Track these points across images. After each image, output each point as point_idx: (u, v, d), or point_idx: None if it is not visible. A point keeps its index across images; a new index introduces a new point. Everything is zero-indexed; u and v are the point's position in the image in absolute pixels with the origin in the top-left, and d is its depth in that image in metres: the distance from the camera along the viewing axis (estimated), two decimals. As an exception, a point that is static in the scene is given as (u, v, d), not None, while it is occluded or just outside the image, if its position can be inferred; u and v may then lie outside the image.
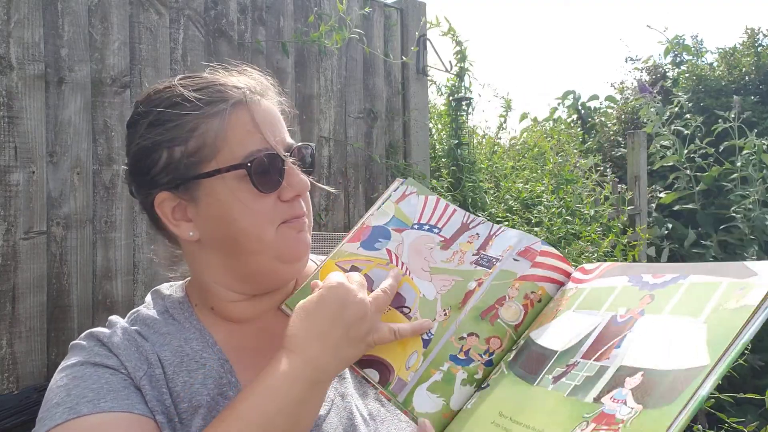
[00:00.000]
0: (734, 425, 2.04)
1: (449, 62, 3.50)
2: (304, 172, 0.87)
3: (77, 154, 2.15)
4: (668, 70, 5.97)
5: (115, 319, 0.87)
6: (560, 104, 6.36)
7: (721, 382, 0.56)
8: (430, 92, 3.50)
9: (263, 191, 0.81)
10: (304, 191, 0.86)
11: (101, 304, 2.20)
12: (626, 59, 6.27)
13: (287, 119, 0.90)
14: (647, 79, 5.97)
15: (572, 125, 5.36)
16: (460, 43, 3.45)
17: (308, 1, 2.91)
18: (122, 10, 2.27)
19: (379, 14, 3.22)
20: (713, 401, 2.23)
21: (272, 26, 2.78)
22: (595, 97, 6.44)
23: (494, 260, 0.83)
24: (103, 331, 0.84)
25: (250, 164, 0.79)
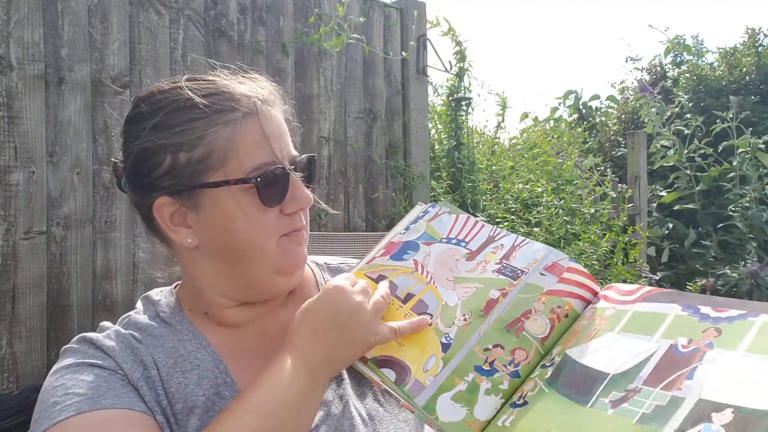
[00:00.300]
0: None
1: (449, 62, 3.50)
2: (306, 184, 0.87)
3: (77, 154, 2.16)
4: (669, 69, 5.97)
5: (107, 324, 0.86)
6: (561, 104, 6.37)
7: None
8: (428, 92, 3.50)
9: (268, 205, 0.82)
10: (306, 206, 0.86)
11: (101, 304, 2.20)
12: (627, 59, 6.28)
13: (290, 127, 0.90)
14: (648, 78, 5.98)
15: (573, 125, 5.36)
16: (459, 43, 3.45)
17: (308, 1, 2.91)
18: (122, 10, 2.28)
19: (378, 14, 3.22)
20: None
21: (272, 26, 2.78)
22: (596, 96, 6.44)
23: (519, 272, 0.84)
24: (95, 335, 0.83)
25: (258, 179, 0.80)
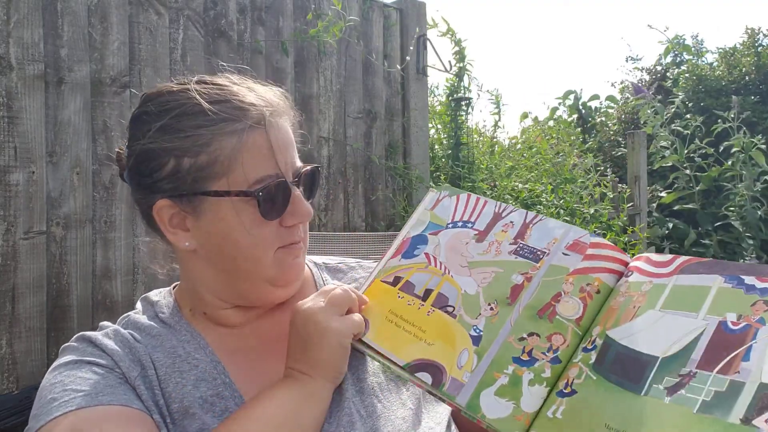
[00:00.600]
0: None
1: (449, 62, 3.50)
2: (307, 195, 0.88)
3: (77, 154, 2.16)
4: (669, 70, 5.97)
5: (106, 323, 0.87)
6: (561, 104, 6.37)
7: None
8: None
9: (268, 219, 0.82)
10: (306, 220, 0.87)
11: (101, 304, 2.21)
12: (627, 59, 6.28)
13: (296, 135, 0.90)
14: (647, 79, 5.98)
15: (573, 125, 5.36)
16: (459, 43, 3.46)
17: (307, 1, 2.91)
18: (122, 10, 2.28)
19: (378, 14, 3.22)
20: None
21: (271, 26, 2.78)
22: (595, 96, 6.44)
23: (539, 253, 0.81)
24: (94, 333, 0.83)
25: (260, 193, 0.80)
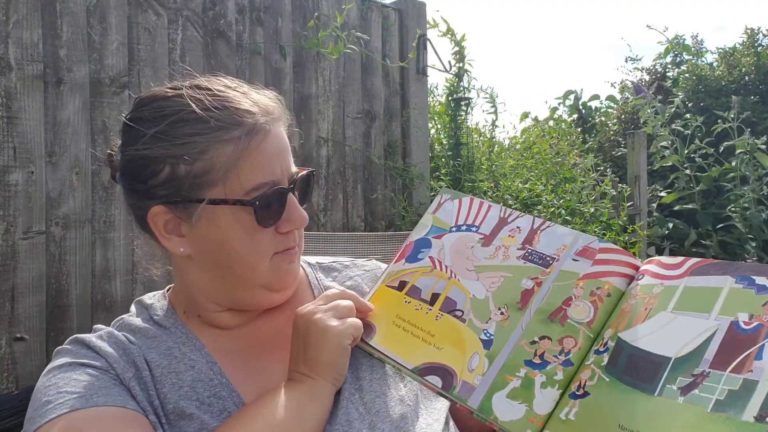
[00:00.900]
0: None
1: (448, 62, 3.50)
2: (301, 199, 0.88)
3: (76, 154, 2.16)
4: (669, 70, 5.97)
5: (100, 326, 0.87)
6: (561, 104, 6.37)
7: None
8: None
9: (264, 226, 0.82)
10: (301, 226, 0.87)
11: (100, 303, 2.21)
12: (626, 59, 6.28)
13: (290, 134, 0.90)
14: (647, 79, 5.98)
15: (572, 125, 5.37)
16: (458, 43, 3.46)
17: (306, 1, 2.92)
18: (121, 10, 2.28)
19: (377, 15, 3.22)
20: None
21: (270, 27, 2.79)
22: (595, 96, 6.44)
23: (549, 258, 0.82)
24: (88, 336, 0.83)
25: (257, 201, 0.80)
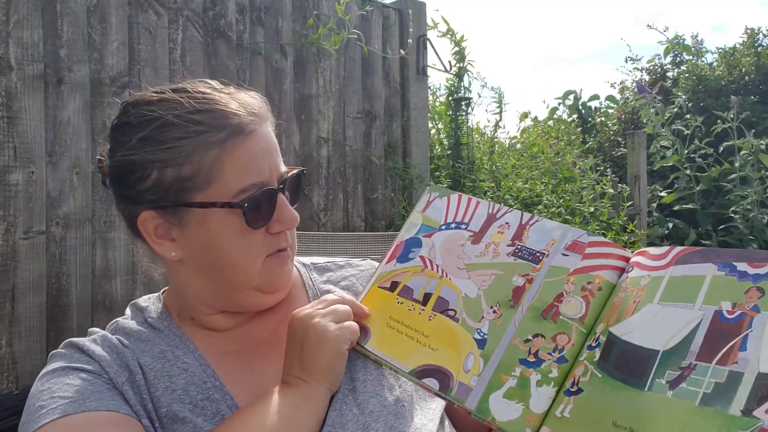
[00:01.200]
0: None
1: (449, 62, 3.50)
2: (292, 199, 0.88)
3: (76, 154, 2.16)
4: (669, 70, 5.97)
5: (95, 329, 0.87)
6: (560, 104, 6.37)
7: None
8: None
9: (254, 228, 0.82)
10: (293, 227, 0.86)
11: (100, 303, 2.21)
12: (626, 59, 6.28)
13: (277, 132, 0.89)
14: (647, 79, 5.98)
15: (572, 125, 5.37)
16: (459, 43, 3.46)
17: (306, 1, 2.92)
18: (121, 10, 2.28)
19: (377, 15, 3.22)
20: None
21: (271, 27, 2.79)
22: (595, 97, 6.44)
23: (538, 254, 0.81)
24: (82, 339, 0.83)
25: (246, 204, 0.79)
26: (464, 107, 3.59)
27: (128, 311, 0.92)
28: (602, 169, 4.40)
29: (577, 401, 0.69)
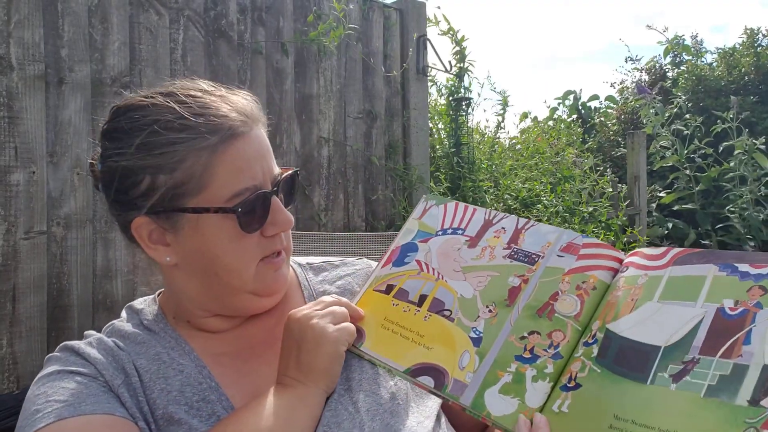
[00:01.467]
0: None
1: (449, 62, 3.50)
2: (287, 200, 0.87)
3: (77, 154, 2.16)
4: (668, 70, 5.97)
5: (91, 332, 0.87)
6: (560, 104, 6.38)
7: None
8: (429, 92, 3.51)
9: (248, 232, 0.81)
10: (287, 229, 0.86)
11: (101, 303, 2.21)
12: (626, 59, 6.28)
13: (269, 132, 0.89)
14: (647, 79, 5.98)
15: (572, 125, 5.38)
16: (459, 42, 3.46)
17: (307, 1, 2.92)
18: (122, 10, 2.28)
19: (378, 14, 3.22)
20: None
21: (272, 27, 2.79)
22: (595, 97, 6.45)
23: (534, 256, 0.82)
24: (77, 342, 0.83)
25: (240, 208, 0.79)
26: (464, 107, 3.59)
27: (124, 314, 0.92)
28: (602, 169, 4.41)
29: (575, 396, 0.70)
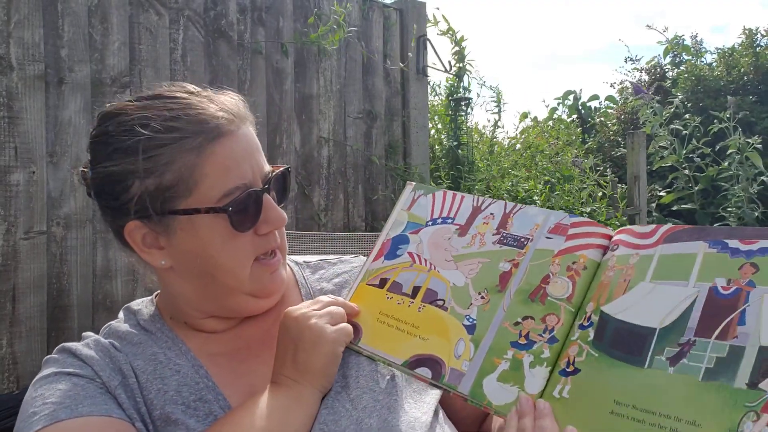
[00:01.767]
0: None
1: (448, 62, 3.51)
2: (279, 198, 0.87)
3: (77, 154, 2.16)
4: (668, 70, 5.98)
5: (88, 333, 0.87)
6: (560, 104, 6.38)
7: None
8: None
9: (240, 231, 0.81)
10: (280, 226, 0.86)
11: (101, 303, 2.21)
12: (626, 60, 6.29)
13: (258, 132, 0.88)
14: (647, 79, 5.99)
15: (572, 125, 5.38)
16: (458, 42, 3.46)
17: (307, 1, 2.92)
18: (122, 10, 2.28)
19: (378, 14, 3.22)
20: None
21: (272, 27, 2.79)
22: (595, 97, 6.45)
23: (523, 239, 0.82)
24: (75, 344, 0.84)
25: (230, 207, 0.79)
26: (464, 107, 3.59)
27: (121, 314, 0.92)
28: (602, 169, 4.41)
29: (575, 381, 0.69)
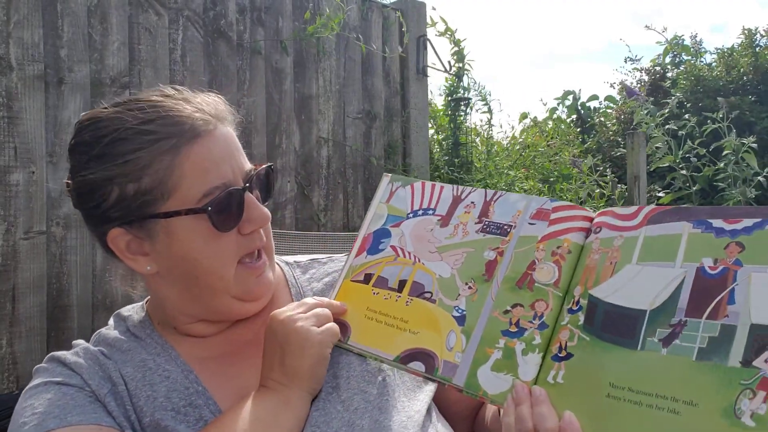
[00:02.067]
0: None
1: (448, 62, 3.51)
2: (263, 196, 0.87)
3: (77, 154, 2.16)
4: (668, 70, 5.98)
5: (78, 341, 0.87)
6: (560, 104, 6.38)
7: None
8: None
9: (223, 231, 0.80)
10: (264, 225, 0.86)
11: (101, 303, 2.21)
12: (626, 60, 6.29)
13: (240, 132, 0.88)
14: (646, 79, 5.99)
15: (571, 125, 5.38)
16: (458, 43, 3.46)
17: (307, 1, 2.92)
18: (121, 10, 2.28)
19: (377, 15, 3.23)
20: None
21: (271, 27, 2.79)
22: (594, 97, 6.46)
23: (506, 227, 0.82)
24: (64, 353, 0.84)
25: (209, 207, 0.78)
26: (463, 107, 3.59)
27: (111, 321, 0.92)
28: (602, 169, 4.41)
29: (568, 366, 0.69)
